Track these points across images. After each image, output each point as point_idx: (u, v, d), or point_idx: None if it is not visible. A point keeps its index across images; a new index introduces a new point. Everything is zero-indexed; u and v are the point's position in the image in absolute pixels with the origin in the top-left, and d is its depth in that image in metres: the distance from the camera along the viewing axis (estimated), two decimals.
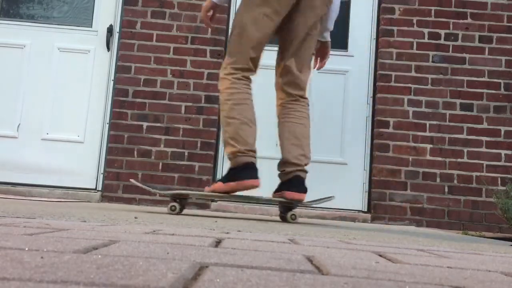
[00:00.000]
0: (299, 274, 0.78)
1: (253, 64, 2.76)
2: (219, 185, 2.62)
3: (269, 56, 4.26)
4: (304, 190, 2.71)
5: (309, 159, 2.76)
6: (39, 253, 0.81)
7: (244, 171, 2.61)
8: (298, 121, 2.76)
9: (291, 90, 2.81)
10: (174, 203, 2.57)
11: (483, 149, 3.99)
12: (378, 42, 4.18)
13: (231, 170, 2.65)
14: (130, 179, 2.97)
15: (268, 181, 4.07)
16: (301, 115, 2.78)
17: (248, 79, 2.78)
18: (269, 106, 4.22)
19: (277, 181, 4.08)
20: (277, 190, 2.77)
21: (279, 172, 2.79)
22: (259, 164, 4.17)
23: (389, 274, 0.86)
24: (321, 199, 2.88)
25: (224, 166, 4.12)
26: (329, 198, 2.86)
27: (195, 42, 4.13)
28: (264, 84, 4.24)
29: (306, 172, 2.75)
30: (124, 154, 4.01)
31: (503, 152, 3.99)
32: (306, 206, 3.16)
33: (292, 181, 2.71)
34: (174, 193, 2.70)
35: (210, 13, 2.85)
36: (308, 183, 4.07)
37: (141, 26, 4.15)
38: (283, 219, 2.78)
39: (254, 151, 2.67)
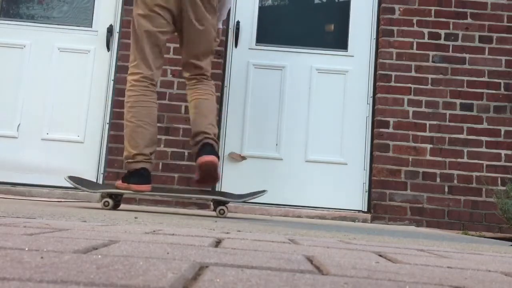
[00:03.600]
0: (299, 274, 0.78)
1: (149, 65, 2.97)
2: (119, 183, 2.87)
3: (268, 56, 4.26)
4: (214, 154, 2.82)
5: (216, 129, 2.94)
6: (39, 253, 0.81)
7: (133, 177, 2.82)
8: (202, 96, 2.98)
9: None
10: (108, 199, 2.76)
11: (483, 149, 3.99)
12: (378, 42, 4.18)
13: (126, 172, 2.89)
14: (64, 177, 2.95)
15: (268, 180, 4.09)
16: (205, 92, 3.00)
17: (150, 80, 2.95)
18: (269, 106, 4.23)
19: (277, 181, 4.09)
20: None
21: (192, 145, 2.95)
22: (260, 164, 4.19)
23: (389, 274, 0.86)
24: (253, 193, 2.98)
25: (223, 166, 4.12)
26: (262, 193, 2.95)
27: None
28: (263, 84, 4.25)
29: (215, 141, 2.89)
30: None
31: (503, 152, 3.99)
32: (239, 202, 3.30)
33: (203, 147, 2.84)
34: (104, 191, 2.88)
35: None
36: (307, 183, 4.09)
37: None
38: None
39: (145, 155, 2.84)
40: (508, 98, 4.05)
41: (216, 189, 4.06)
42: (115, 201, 2.85)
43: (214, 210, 2.96)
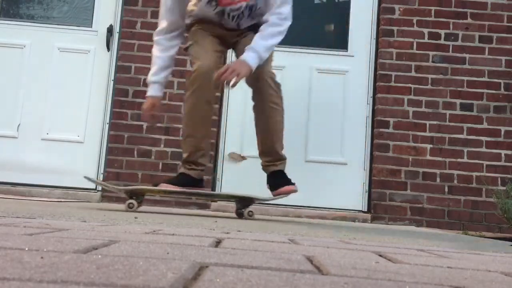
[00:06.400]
0: (299, 274, 0.78)
1: None
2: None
3: None
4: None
5: None
6: (39, 253, 0.81)
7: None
8: None
9: None
10: (131, 201, 2.62)
11: (483, 149, 3.99)
12: (378, 42, 4.18)
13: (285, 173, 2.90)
14: (84, 176, 2.94)
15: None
16: None
17: None
18: None
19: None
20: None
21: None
22: (260, 164, 4.16)
23: (389, 274, 0.86)
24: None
25: (224, 166, 4.11)
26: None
27: None
28: None
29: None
30: (124, 154, 4.01)
31: (503, 152, 3.99)
32: (265, 203, 3.34)
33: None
34: (128, 189, 2.76)
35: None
36: (307, 183, 4.09)
37: (141, 26, 4.14)
38: (240, 215, 2.85)
39: None
40: (508, 98, 4.05)
41: (216, 189, 4.06)
42: (138, 202, 2.70)
43: (237, 211, 2.89)
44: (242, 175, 4.08)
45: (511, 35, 4.11)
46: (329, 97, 4.20)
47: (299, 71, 4.21)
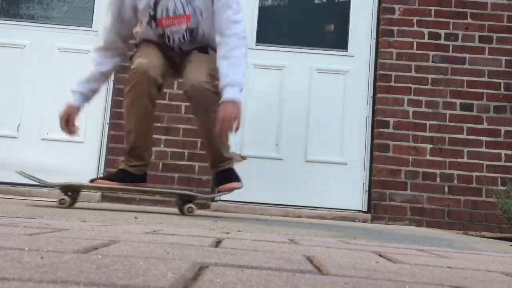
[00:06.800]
0: (299, 274, 0.78)
1: None
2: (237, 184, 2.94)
3: (268, 56, 4.26)
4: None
5: None
6: (39, 253, 0.81)
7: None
8: None
9: None
10: (64, 197, 2.56)
11: (483, 149, 3.99)
12: (378, 42, 4.18)
13: (233, 170, 2.99)
14: (16, 171, 2.91)
15: (268, 180, 4.08)
16: None
17: None
18: (269, 106, 4.22)
19: (277, 181, 4.09)
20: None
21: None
22: (260, 164, 4.19)
23: (389, 274, 0.86)
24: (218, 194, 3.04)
25: None
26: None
27: None
28: (263, 84, 4.24)
29: None
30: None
31: (503, 152, 3.99)
32: (206, 199, 3.39)
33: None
34: (62, 184, 2.70)
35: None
36: (307, 183, 4.09)
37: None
38: (181, 211, 2.78)
39: None
40: (508, 98, 4.05)
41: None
42: (72, 199, 2.64)
43: (179, 207, 2.79)
44: (242, 175, 4.07)
45: (511, 35, 4.11)
46: (329, 97, 4.20)
47: (299, 71, 4.21)
